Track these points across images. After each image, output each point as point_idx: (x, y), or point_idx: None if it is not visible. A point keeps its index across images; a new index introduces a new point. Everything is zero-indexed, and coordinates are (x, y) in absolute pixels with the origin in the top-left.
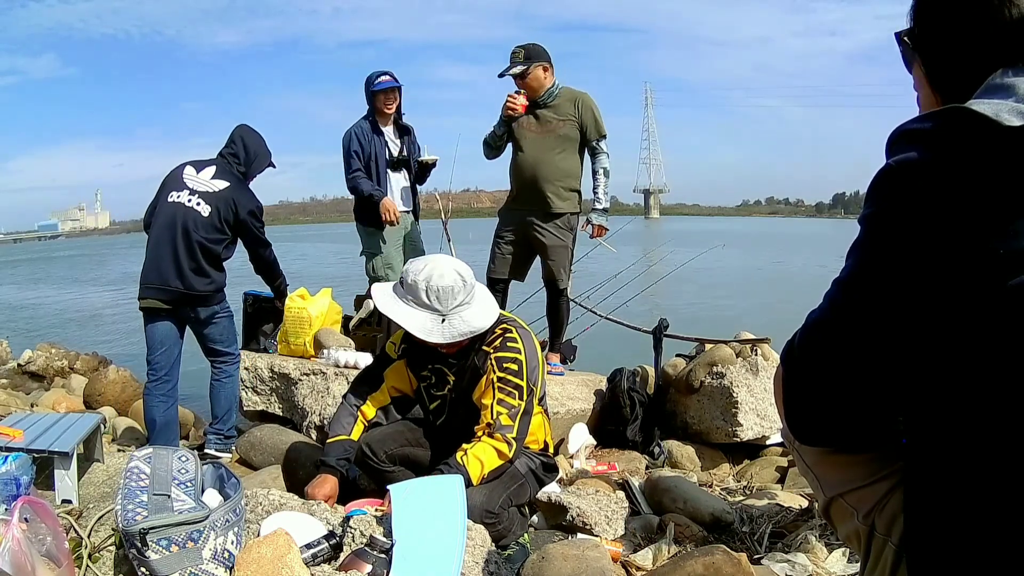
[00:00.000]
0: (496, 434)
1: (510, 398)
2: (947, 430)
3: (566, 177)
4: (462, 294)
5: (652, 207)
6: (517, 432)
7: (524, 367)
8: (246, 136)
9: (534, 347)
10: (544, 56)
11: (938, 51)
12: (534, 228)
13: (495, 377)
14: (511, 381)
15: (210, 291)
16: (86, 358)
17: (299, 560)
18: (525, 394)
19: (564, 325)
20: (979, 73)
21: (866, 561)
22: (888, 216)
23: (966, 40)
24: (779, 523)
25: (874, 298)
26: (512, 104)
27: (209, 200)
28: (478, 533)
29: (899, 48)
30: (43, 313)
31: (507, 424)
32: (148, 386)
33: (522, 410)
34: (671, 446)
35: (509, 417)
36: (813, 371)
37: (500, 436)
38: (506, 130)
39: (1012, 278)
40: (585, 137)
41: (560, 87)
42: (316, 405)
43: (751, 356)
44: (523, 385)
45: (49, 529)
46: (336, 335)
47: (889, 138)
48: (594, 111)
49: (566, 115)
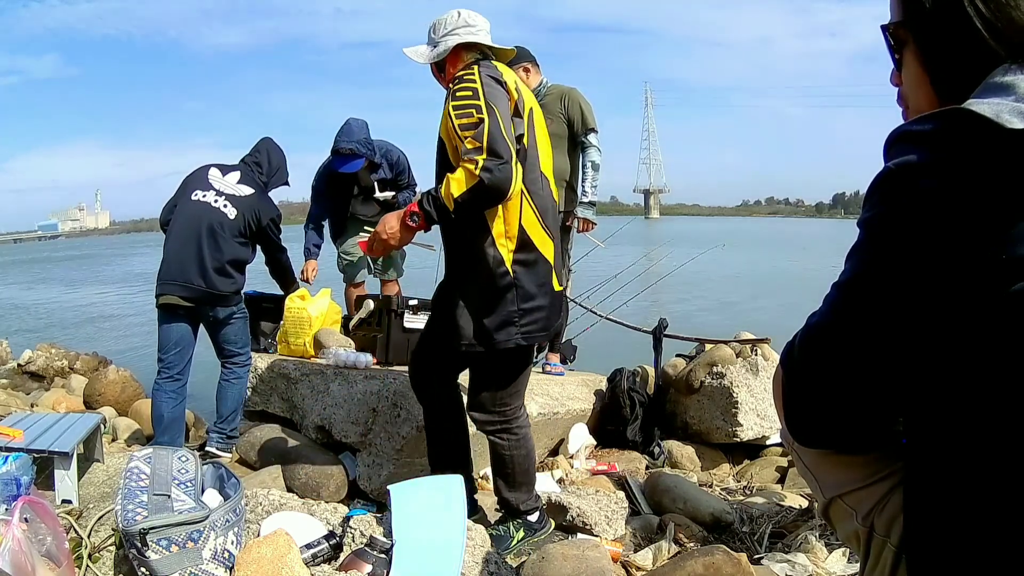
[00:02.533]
0: (463, 159)
1: (467, 119)
2: (947, 432)
3: (557, 174)
4: (453, 24)
5: (652, 207)
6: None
7: (480, 91)
8: (271, 149)
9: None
10: (526, 57)
11: (942, 42)
12: None
13: (451, 106)
14: (466, 105)
15: (231, 292)
16: (86, 358)
17: (299, 560)
18: (484, 110)
19: (563, 325)
20: (983, 66)
21: (865, 562)
22: (887, 219)
23: (972, 31)
24: (779, 523)
25: (874, 302)
26: None
27: (236, 204)
28: (478, 533)
29: (886, 41)
30: (43, 313)
31: (472, 147)
32: (159, 382)
33: (486, 127)
34: (671, 446)
35: (474, 139)
36: (813, 374)
37: (466, 159)
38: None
39: (1013, 284)
40: (573, 132)
41: (548, 84)
42: (316, 405)
43: (751, 356)
44: (480, 103)
45: (49, 529)
46: (336, 335)
47: (887, 140)
48: (582, 105)
49: (554, 112)
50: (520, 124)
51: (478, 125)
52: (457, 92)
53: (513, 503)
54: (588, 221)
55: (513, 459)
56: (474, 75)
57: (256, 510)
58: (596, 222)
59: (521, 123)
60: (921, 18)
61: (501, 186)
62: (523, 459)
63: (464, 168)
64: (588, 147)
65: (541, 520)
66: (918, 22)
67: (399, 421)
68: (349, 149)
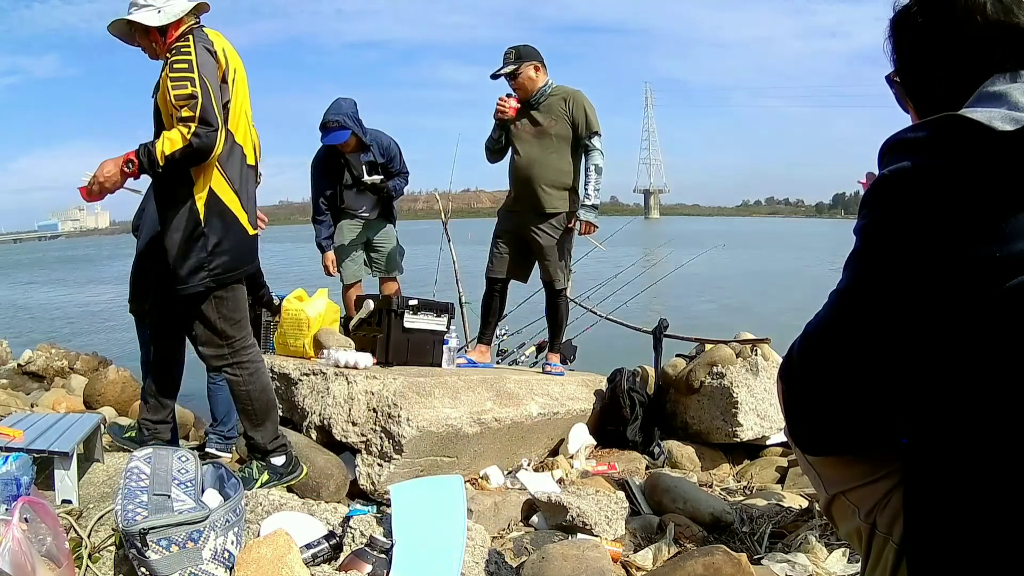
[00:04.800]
0: (177, 124)
1: (183, 90)
2: (947, 431)
3: (560, 176)
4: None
5: (652, 207)
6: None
7: (194, 63)
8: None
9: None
10: (535, 56)
11: (926, 88)
12: (530, 229)
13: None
14: (183, 77)
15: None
16: (86, 358)
17: (299, 560)
18: (198, 83)
19: (563, 326)
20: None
21: (867, 560)
22: (884, 226)
23: (947, 59)
24: (779, 523)
25: (873, 309)
26: (502, 107)
27: None
28: (478, 533)
29: (891, 90)
30: (43, 313)
31: (187, 116)
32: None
33: (200, 100)
34: (671, 446)
35: (189, 109)
36: (813, 383)
37: (180, 124)
38: (503, 133)
39: (1009, 280)
40: (577, 134)
41: (553, 86)
42: (316, 405)
43: (751, 356)
44: (195, 76)
45: (49, 529)
46: (336, 335)
47: (882, 148)
48: (586, 108)
49: (558, 114)
50: (227, 90)
51: (192, 96)
52: (174, 64)
53: (259, 442)
54: (590, 224)
55: (250, 395)
56: (190, 47)
57: (256, 510)
58: (598, 225)
59: (228, 89)
60: (902, 68)
61: (207, 150)
62: (260, 394)
63: (179, 130)
64: (592, 150)
65: (289, 464)
66: (901, 72)
67: (399, 421)
68: (335, 121)
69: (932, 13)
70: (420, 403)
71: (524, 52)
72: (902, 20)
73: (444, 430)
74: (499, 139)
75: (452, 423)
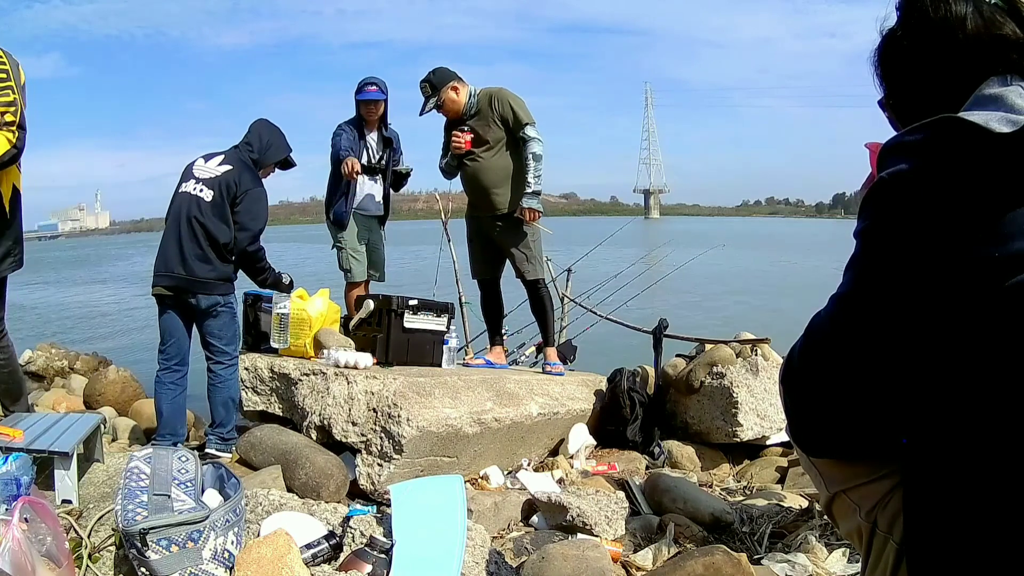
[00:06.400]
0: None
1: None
2: (947, 431)
3: (504, 175)
4: None
5: (652, 207)
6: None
7: (11, 73)
8: (262, 127)
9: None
10: (449, 76)
11: (917, 108)
12: (491, 228)
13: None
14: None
15: (211, 278)
16: (86, 358)
17: (299, 560)
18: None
19: (550, 317)
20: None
21: (867, 559)
22: (883, 229)
23: (935, 76)
24: (779, 523)
25: (873, 313)
26: (457, 143)
27: (211, 184)
28: (478, 533)
29: (885, 115)
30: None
31: (11, 120)
32: (158, 375)
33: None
34: (671, 446)
35: (13, 115)
36: (814, 385)
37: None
38: (458, 161)
39: (1009, 279)
40: (510, 129)
41: (477, 92)
42: (316, 405)
43: (751, 356)
44: (13, 85)
45: (49, 529)
46: (336, 335)
47: (880, 151)
48: (511, 103)
49: (487, 118)
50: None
51: (14, 103)
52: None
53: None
54: (533, 210)
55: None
56: (5, 61)
57: (256, 510)
58: (542, 210)
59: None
60: (892, 91)
61: (21, 152)
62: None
63: (5, 136)
64: (528, 140)
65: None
66: (891, 95)
67: (399, 421)
68: (374, 84)
69: (915, 33)
70: (420, 403)
71: (438, 80)
72: (889, 44)
73: (444, 430)
74: (452, 161)
75: (452, 423)
